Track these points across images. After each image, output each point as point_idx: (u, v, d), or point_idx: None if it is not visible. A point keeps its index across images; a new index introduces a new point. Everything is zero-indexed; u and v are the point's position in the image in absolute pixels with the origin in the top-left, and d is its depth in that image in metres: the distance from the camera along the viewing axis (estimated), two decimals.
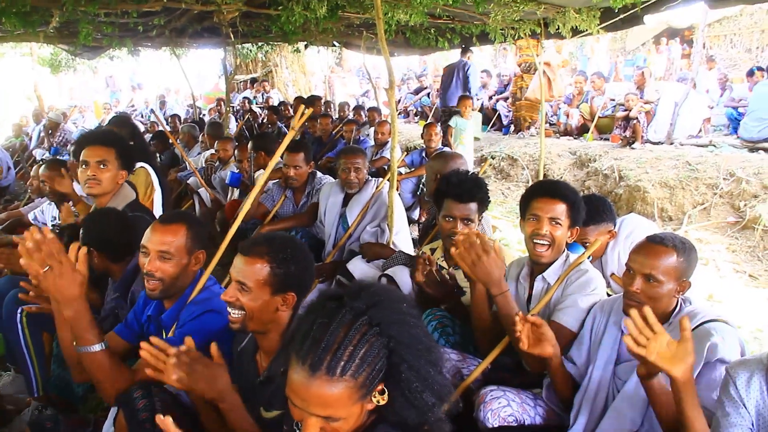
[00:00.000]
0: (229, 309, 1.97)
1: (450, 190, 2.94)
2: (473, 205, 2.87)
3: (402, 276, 3.16)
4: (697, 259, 2.14)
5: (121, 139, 3.48)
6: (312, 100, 10.24)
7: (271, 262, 1.94)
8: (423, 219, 5.19)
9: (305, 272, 2.04)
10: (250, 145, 5.45)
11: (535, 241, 2.49)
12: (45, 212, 4.93)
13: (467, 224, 2.85)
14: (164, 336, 2.37)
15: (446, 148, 5.91)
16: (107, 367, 2.04)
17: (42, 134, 10.98)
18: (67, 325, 2.06)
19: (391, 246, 3.87)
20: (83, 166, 3.25)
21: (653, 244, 2.09)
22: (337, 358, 1.25)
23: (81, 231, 2.87)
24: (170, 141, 8.71)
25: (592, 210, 2.84)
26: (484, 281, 2.27)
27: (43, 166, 4.36)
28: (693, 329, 1.97)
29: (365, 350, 1.27)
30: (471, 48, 9.46)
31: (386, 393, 1.32)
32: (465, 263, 2.27)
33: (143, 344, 1.84)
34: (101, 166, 3.21)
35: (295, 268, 1.98)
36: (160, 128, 10.44)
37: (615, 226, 3.10)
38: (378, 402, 1.32)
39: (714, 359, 1.94)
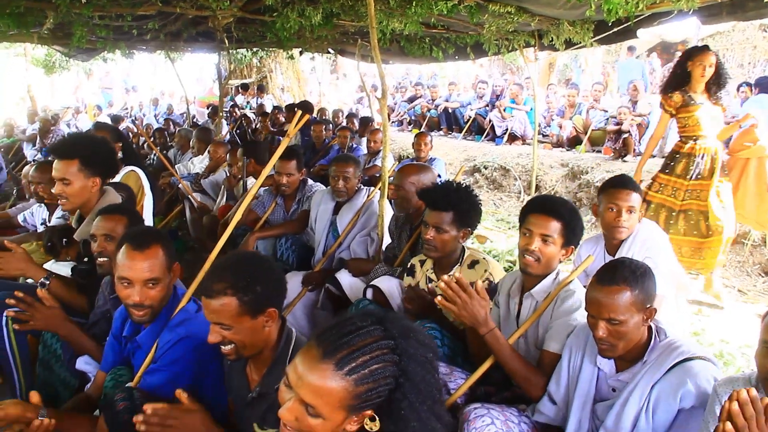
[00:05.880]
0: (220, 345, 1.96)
1: (426, 197, 2.99)
2: (446, 215, 2.85)
3: (388, 285, 3.17)
4: (654, 281, 2.10)
5: (85, 146, 3.21)
6: (305, 105, 10.24)
7: (235, 293, 1.88)
8: None
9: (273, 285, 1.99)
10: (240, 151, 5.44)
11: (524, 255, 2.51)
12: (35, 214, 4.87)
13: (439, 232, 2.86)
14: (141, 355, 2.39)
15: (438, 159, 5.88)
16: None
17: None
18: None
19: (381, 254, 3.89)
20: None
21: (603, 286, 2.04)
22: (351, 357, 1.29)
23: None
24: (164, 142, 8.73)
25: None
26: (471, 323, 2.28)
27: (33, 167, 4.34)
28: (672, 367, 1.97)
29: (377, 367, 1.30)
30: None
31: (377, 420, 1.34)
32: (450, 310, 2.27)
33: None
34: (64, 183, 3.08)
35: (261, 287, 1.92)
36: (157, 127, 10.47)
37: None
38: (368, 428, 1.34)
39: (689, 406, 1.93)
